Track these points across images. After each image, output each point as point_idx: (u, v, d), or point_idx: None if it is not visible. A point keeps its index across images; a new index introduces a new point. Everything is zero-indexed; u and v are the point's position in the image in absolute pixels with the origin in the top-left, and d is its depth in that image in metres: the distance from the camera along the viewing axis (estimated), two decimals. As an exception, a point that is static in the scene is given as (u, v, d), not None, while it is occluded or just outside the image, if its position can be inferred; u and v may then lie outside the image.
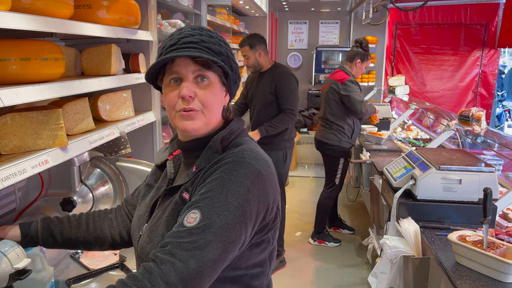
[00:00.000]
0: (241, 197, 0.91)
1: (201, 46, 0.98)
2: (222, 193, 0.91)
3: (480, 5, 6.41)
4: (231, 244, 0.90)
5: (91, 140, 1.48)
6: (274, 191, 1.01)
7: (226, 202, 0.90)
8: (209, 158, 1.01)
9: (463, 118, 2.92)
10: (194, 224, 0.88)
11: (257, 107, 3.36)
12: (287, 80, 3.26)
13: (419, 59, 6.82)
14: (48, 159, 1.23)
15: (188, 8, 2.78)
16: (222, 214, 0.89)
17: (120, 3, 1.69)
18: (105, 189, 1.76)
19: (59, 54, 1.34)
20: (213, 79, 1.01)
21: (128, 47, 1.97)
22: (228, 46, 1.06)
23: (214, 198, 0.91)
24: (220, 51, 1.01)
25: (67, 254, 1.66)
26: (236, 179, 0.93)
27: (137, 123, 1.88)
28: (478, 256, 1.57)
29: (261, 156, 1.01)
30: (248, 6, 4.94)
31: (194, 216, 0.89)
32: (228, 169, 0.95)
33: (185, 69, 0.99)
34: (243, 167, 0.95)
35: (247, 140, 1.07)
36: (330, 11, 6.98)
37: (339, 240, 3.96)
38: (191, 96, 0.99)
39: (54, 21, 1.28)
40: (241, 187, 0.92)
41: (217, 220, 0.88)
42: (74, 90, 1.38)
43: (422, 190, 2.10)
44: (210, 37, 1.01)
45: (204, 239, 0.87)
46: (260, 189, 0.95)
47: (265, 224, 1.01)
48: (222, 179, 0.93)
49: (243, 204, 0.92)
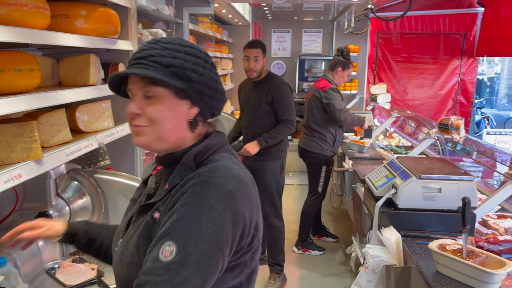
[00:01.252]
0: (214, 223, 0.87)
1: (147, 61, 0.95)
2: (194, 220, 0.87)
3: (458, 15, 6.57)
4: (209, 275, 0.87)
5: (68, 152, 1.45)
6: (250, 211, 0.96)
7: (200, 231, 0.86)
8: (182, 175, 0.97)
9: (443, 126, 2.97)
10: (170, 258, 0.84)
11: (251, 116, 3.26)
12: (284, 90, 3.21)
13: (400, 68, 6.93)
14: (21, 173, 1.20)
15: (170, 17, 2.77)
16: (197, 245, 0.85)
17: (98, 12, 1.67)
18: (82, 202, 1.72)
19: (34, 65, 1.32)
20: (162, 94, 0.96)
21: (107, 57, 1.95)
22: (192, 55, 0.99)
23: (187, 227, 0.87)
24: (171, 63, 0.95)
25: (43, 270, 1.61)
26: (207, 203, 0.89)
27: (117, 134, 1.85)
28: (458, 265, 1.58)
29: (235, 174, 0.96)
30: (231, 15, 4.95)
31: (170, 249, 0.85)
32: (197, 192, 0.90)
33: (134, 86, 0.98)
34: (213, 189, 0.91)
35: (224, 156, 1.02)
36: (313, 20, 7.05)
37: (323, 248, 3.96)
38: (136, 113, 0.98)
39: (30, 31, 1.26)
40: (213, 212, 0.88)
41: (193, 252, 0.85)
42: (49, 101, 1.35)
43: (403, 199, 2.12)
44: (164, 49, 0.97)
45: (182, 276, 0.83)
46: (233, 212, 0.91)
47: (240, 248, 0.96)
48: (192, 203, 0.89)
49: (217, 230, 0.87)
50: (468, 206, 1.64)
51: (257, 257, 1.04)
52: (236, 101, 6.01)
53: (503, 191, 2.15)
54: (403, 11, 4.17)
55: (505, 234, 2.11)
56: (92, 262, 1.70)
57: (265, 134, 3.16)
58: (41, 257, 1.62)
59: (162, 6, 2.57)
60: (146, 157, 2.29)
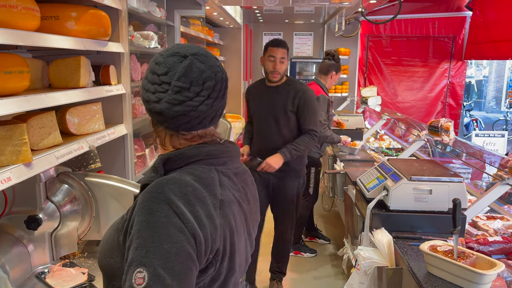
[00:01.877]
0: (174, 240, 0.86)
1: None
2: (155, 241, 0.85)
3: (447, 19, 6.65)
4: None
5: (58, 155, 1.43)
6: (206, 228, 0.91)
7: (164, 250, 0.85)
8: (148, 176, 0.97)
9: (433, 128, 3.00)
10: (144, 285, 0.83)
11: (273, 126, 2.86)
12: (311, 98, 2.88)
13: (391, 71, 6.99)
14: (11, 177, 1.18)
15: (161, 20, 2.76)
16: (166, 266, 0.84)
17: (89, 14, 1.66)
18: (73, 205, 1.70)
19: (24, 67, 1.30)
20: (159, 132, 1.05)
21: (98, 59, 1.93)
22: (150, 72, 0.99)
23: (150, 249, 0.85)
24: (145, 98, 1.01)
25: (32, 275, 1.58)
26: (160, 220, 0.87)
27: (108, 137, 1.83)
28: (449, 266, 1.60)
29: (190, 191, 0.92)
30: (222, 17, 4.95)
31: (141, 275, 0.84)
32: (149, 209, 0.88)
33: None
34: (162, 205, 0.88)
35: (194, 169, 0.97)
36: (304, 23, 7.08)
37: (315, 250, 3.97)
38: None
39: (20, 33, 1.24)
40: (169, 228, 0.86)
41: (166, 276, 0.83)
42: (39, 103, 1.33)
43: (394, 201, 2.13)
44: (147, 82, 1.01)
45: None
46: (189, 228, 0.88)
47: (206, 261, 0.92)
48: (147, 222, 0.87)
49: (180, 247, 0.86)
50: (458, 207, 1.66)
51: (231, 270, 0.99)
52: (228, 103, 6.04)
53: (493, 192, 2.18)
54: (393, 14, 4.21)
55: (495, 235, 2.13)
56: (82, 266, 1.69)
57: (288, 145, 2.82)
58: (30, 262, 1.59)
59: (153, 8, 2.56)
60: (137, 160, 2.28)
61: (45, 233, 1.62)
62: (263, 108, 2.90)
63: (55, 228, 1.65)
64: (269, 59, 2.83)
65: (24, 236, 1.59)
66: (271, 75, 2.84)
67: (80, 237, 1.72)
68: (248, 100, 3.03)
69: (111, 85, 1.90)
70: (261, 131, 2.93)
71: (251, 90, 3.03)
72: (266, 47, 2.87)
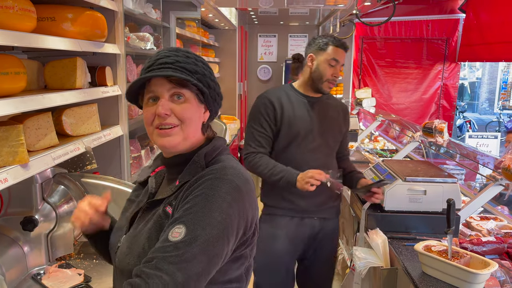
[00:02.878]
0: (223, 212, 0.95)
1: (175, 66, 1.03)
2: (205, 208, 0.94)
3: (441, 21, 6.70)
4: (214, 257, 0.93)
5: (55, 156, 1.43)
6: (253, 207, 1.04)
7: (210, 217, 0.93)
8: (193, 172, 1.04)
9: (427, 130, 3.02)
10: (179, 238, 0.90)
11: (324, 148, 2.17)
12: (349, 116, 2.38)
13: (385, 72, 7.03)
14: (7, 177, 1.18)
15: (157, 21, 2.77)
16: (206, 228, 0.92)
17: (85, 15, 1.66)
18: (69, 206, 1.70)
19: (20, 68, 1.30)
20: (189, 96, 1.05)
21: (94, 60, 1.94)
22: (207, 65, 1.10)
23: (198, 213, 0.93)
24: (196, 70, 1.05)
25: (28, 276, 1.58)
26: (219, 195, 0.96)
27: (104, 138, 1.83)
28: (444, 265, 1.61)
29: (242, 173, 1.04)
30: (217, 19, 4.96)
31: (179, 230, 0.91)
32: (211, 185, 0.98)
33: (161, 88, 1.04)
34: (225, 184, 0.98)
35: (229, 158, 1.11)
36: (299, 25, 7.11)
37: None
38: (166, 114, 1.03)
39: (15, 34, 1.24)
40: (223, 202, 0.96)
41: (202, 234, 0.91)
42: (36, 104, 1.33)
43: (389, 202, 2.15)
44: (186, 57, 1.05)
45: (189, 252, 0.89)
46: (240, 205, 0.99)
47: (245, 240, 1.03)
48: (205, 195, 0.96)
49: (226, 218, 0.95)
50: (452, 207, 1.67)
51: (254, 253, 1.11)
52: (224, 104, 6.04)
53: (486, 193, 2.20)
54: (387, 16, 4.24)
55: (488, 235, 2.15)
56: (78, 267, 1.68)
57: (355, 172, 2.29)
58: (26, 263, 1.59)
59: (149, 10, 2.57)
60: (133, 161, 2.28)
61: (41, 234, 1.62)
62: (310, 126, 2.14)
63: (51, 229, 1.65)
64: (329, 63, 2.09)
65: (20, 237, 1.59)
66: (327, 84, 2.12)
67: (76, 238, 1.72)
68: (276, 114, 2.11)
69: (107, 86, 1.91)
70: (303, 157, 2.12)
71: (280, 101, 2.13)
72: (326, 46, 2.10)
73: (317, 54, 2.13)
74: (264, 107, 2.13)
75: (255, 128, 2.13)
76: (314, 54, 2.14)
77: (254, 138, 2.13)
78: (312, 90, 2.17)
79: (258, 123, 2.13)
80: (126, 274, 1.00)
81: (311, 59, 2.15)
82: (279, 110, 2.12)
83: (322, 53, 2.11)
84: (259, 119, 2.13)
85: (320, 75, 2.12)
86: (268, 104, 2.13)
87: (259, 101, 2.16)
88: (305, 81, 2.18)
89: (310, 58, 2.15)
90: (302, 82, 2.20)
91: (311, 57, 2.15)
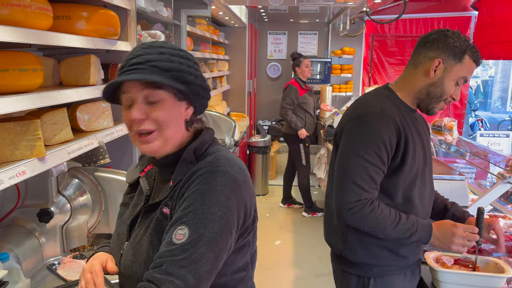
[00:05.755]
0: (222, 206, 0.95)
1: (146, 66, 0.97)
2: (204, 205, 0.94)
3: (452, 18, 6.64)
4: (221, 252, 0.94)
5: (70, 150, 1.48)
6: (250, 195, 1.04)
7: (210, 213, 0.93)
8: (184, 170, 1.03)
9: (436, 127, 3.02)
10: (184, 240, 0.90)
11: (430, 179, 1.67)
12: None
13: (395, 70, 7.00)
14: (25, 170, 1.23)
15: (168, 19, 2.81)
16: (208, 225, 0.92)
17: (99, 14, 1.70)
18: (83, 199, 1.75)
19: (37, 65, 1.35)
20: (164, 97, 0.99)
21: (107, 58, 1.98)
22: (185, 58, 1.02)
23: (197, 211, 0.93)
24: (170, 67, 0.98)
25: (44, 266, 1.64)
26: (215, 189, 0.95)
27: (116, 133, 1.88)
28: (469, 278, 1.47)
29: (235, 163, 1.03)
30: (227, 17, 4.99)
31: (182, 232, 0.91)
32: (205, 179, 0.97)
33: (134, 90, 0.99)
34: (219, 176, 0.97)
35: (220, 148, 1.09)
36: (309, 23, 7.10)
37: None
38: (141, 118, 0.98)
39: (33, 32, 1.28)
40: (221, 196, 0.95)
41: (205, 232, 0.91)
42: (52, 100, 1.38)
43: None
44: (159, 54, 0.99)
45: (196, 253, 0.90)
46: (238, 195, 0.99)
47: (245, 228, 1.04)
48: (201, 190, 0.95)
49: (226, 212, 0.95)
50: (482, 216, 1.46)
51: (256, 238, 1.12)
52: (233, 102, 6.09)
53: (494, 190, 2.20)
54: (398, 14, 4.23)
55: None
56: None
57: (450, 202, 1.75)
58: (42, 253, 1.65)
59: (161, 8, 2.61)
60: (144, 157, 2.32)
61: (56, 226, 1.67)
62: (424, 156, 1.58)
63: (66, 221, 1.70)
64: (458, 81, 1.50)
65: (36, 229, 1.64)
66: (442, 104, 1.55)
67: (89, 230, 1.77)
68: (399, 142, 1.47)
69: (120, 83, 1.94)
70: (422, 198, 1.58)
71: (401, 125, 1.48)
72: (463, 55, 1.49)
73: (448, 63, 1.48)
74: (387, 131, 1.44)
75: (368, 160, 1.43)
76: (444, 60, 1.48)
77: (369, 176, 1.43)
78: (416, 103, 1.57)
79: (374, 153, 1.43)
80: (134, 281, 0.99)
81: (437, 64, 1.48)
82: (403, 136, 1.47)
83: (455, 63, 1.49)
84: (379, 147, 1.43)
85: (442, 91, 1.50)
86: (392, 127, 1.45)
87: (380, 121, 1.45)
88: (415, 90, 1.54)
89: (437, 63, 1.48)
90: (409, 90, 1.55)
91: (438, 63, 1.48)
